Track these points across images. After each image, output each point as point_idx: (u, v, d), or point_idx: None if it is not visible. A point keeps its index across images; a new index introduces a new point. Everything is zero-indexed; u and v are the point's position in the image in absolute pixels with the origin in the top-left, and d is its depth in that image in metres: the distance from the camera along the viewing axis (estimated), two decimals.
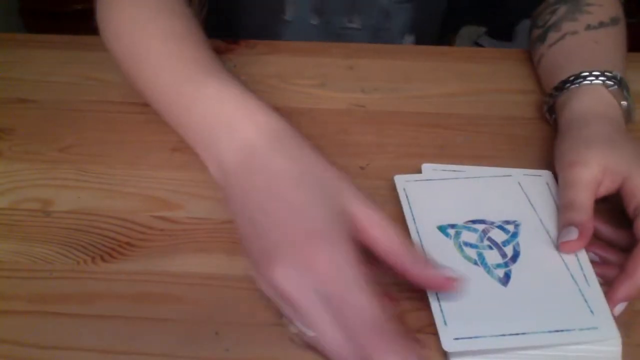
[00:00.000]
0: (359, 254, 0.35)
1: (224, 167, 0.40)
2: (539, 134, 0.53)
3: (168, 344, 0.37)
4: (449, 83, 0.59)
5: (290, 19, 0.68)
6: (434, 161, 0.49)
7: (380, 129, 0.53)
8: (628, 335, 0.37)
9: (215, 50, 0.47)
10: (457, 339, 0.35)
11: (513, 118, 0.55)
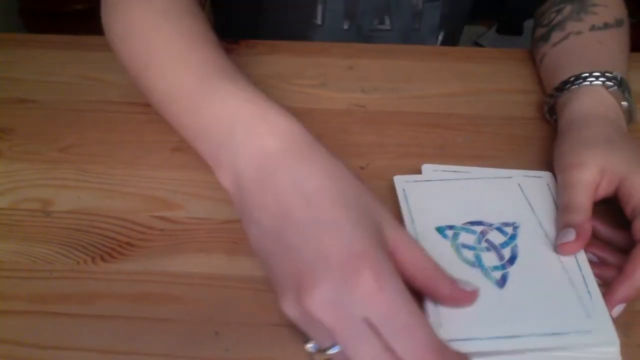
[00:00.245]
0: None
1: (239, 175, 0.37)
2: (539, 134, 0.53)
3: (168, 344, 0.37)
4: (449, 83, 0.59)
5: (320, 22, 0.67)
6: (434, 161, 0.48)
7: (380, 129, 0.53)
8: (627, 336, 0.37)
9: None
10: (453, 340, 0.35)
11: (513, 118, 0.55)
